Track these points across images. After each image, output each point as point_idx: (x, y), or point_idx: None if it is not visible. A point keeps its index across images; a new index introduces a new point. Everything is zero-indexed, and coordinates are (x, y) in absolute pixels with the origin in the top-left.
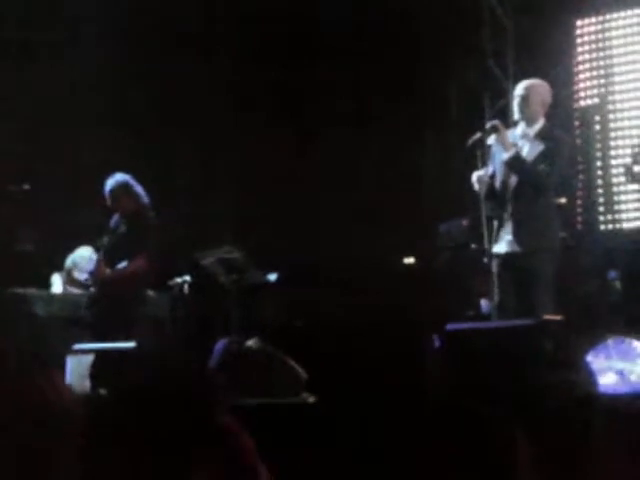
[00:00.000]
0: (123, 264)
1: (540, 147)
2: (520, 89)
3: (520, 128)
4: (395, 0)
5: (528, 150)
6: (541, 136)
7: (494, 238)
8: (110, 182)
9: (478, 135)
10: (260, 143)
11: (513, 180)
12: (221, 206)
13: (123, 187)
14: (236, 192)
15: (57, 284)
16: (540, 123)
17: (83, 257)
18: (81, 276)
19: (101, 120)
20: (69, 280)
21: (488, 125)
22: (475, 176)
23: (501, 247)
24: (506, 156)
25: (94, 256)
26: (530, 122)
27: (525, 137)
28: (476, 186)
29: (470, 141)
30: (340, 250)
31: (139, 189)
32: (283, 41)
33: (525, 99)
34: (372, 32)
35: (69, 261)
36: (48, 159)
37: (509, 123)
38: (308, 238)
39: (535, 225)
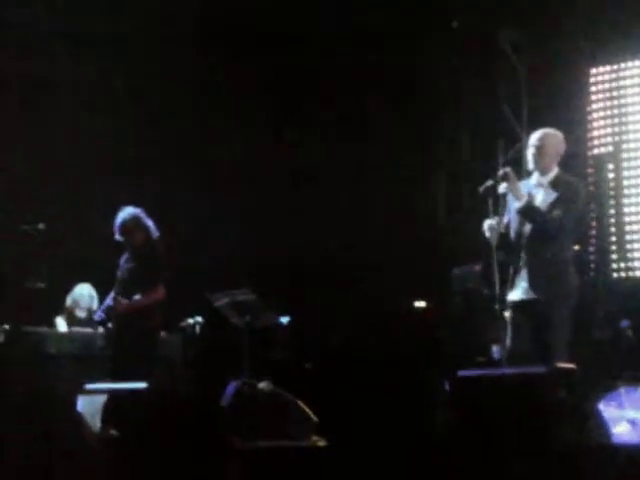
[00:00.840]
0: (137, 297)
1: (554, 195)
2: (534, 139)
3: (534, 177)
4: (412, 44)
5: (542, 198)
6: (555, 184)
7: (509, 285)
8: (122, 215)
9: (490, 183)
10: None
11: (527, 228)
12: (235, 248)
13: (135, 220)
14: (249, 235)
15: (62, 326)
16: (554, 172)
17: (83, 295)
18: (83, 314)
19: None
20: (72, 320)
21: (500, 173)
22: (486, 224)
23: (516, 294)
24: (518, 205)
25: (93, 292)
26: (544, 172)
27: (539, 186)
28: (487, 234)
29: (482, 189)
30: (352, 294)
31: (150, 222)
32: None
33: (539, 149)
34: (387, 78)
35: (69, 300)
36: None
37: (522, 169)
38: (321, 281)
39: (550, 272)
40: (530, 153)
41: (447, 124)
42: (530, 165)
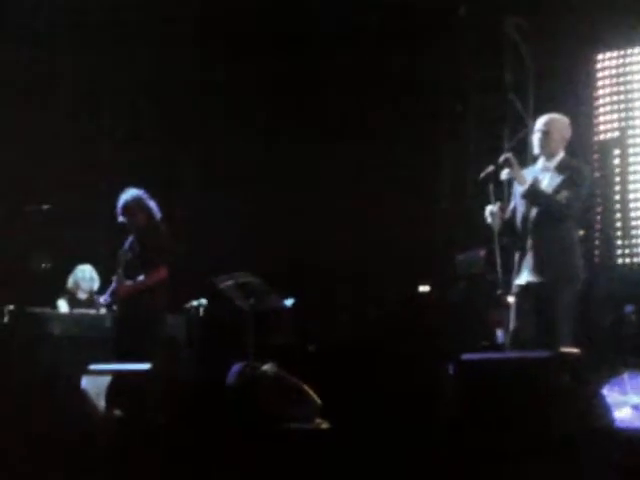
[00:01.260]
0: (140, 277)
1: (560, 178)
2: (540, 124)
3: (540, 162)
4: (418, 34)
5: (548, 181)
6: (561, 168)
7: (516, 269)
8: (124, 197)
9: (491, 169)
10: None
11: (533, 212)
12: (239, 232)
13: (137, 201)
14: (252, 220)
15: (63, 308)
16: (560, 156)
17: (84, 277)
18: (84, 296)
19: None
20: (73, 302)
21: (501, 159)
22: (487, 211)
23: (522, 278)
24: (521, 189)
25: (94, 274)
26: (550, 156)
27: (546, 170)
28: (489, 220)
29: (482, 174)
30: (356, 277)
31: (152, 204)
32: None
33: (545, 134)
34: (394, 66)
35: (70, 282)
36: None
37: (528, 156)
38: (325, 265)
39: (556, 256)
40: (536, 138)
41: (452, 111)
42: (536, 150)
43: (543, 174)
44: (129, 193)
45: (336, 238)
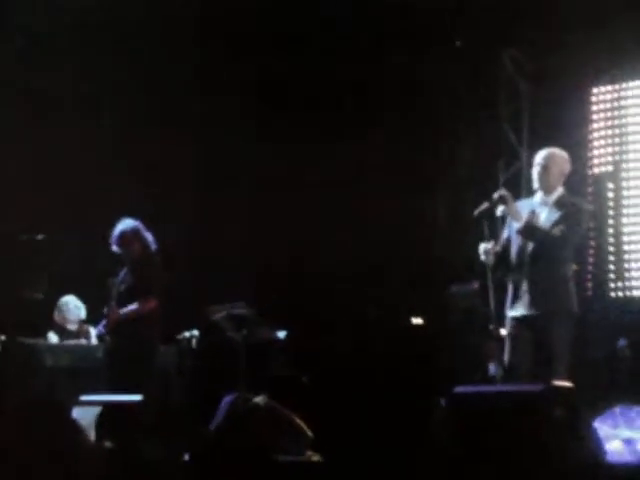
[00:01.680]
0: (131, 306)
1: (558, 213)
2: (540, 158)
3: (539, 196)
4: (414, 62)
5: (546, 216)
6: (560, 203)
7: (510, 302)
8: (120, 226)
9: (486, 205)
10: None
11: (530, 245)
12: (232, 263)
13: (133, 232)
14: (245, 249)
15: (54, 340)
16: (559, 192)
17: (68, 308)
18: (73, 327)
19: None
20: (63, 333)
21: (495, 195)
22: (482, 248)
23: (518, 310)
24: (517, 226)
25: (79, 303)
26: (548, 191)
27: (544, 204)
28: (482, 257)
29: (477, 212)
30: (349, 309)
31: (148, 235)
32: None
33: (545, 169)
34: (389, 94)
35: (57, 316)
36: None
37: (522, 188)
38: (318, 296)
39: (552, 290)
40: (535, 172)
41: (447, 142)
42: (535, 184)
43: (541, 208)
44: (126, 223)
45: (330, 268)
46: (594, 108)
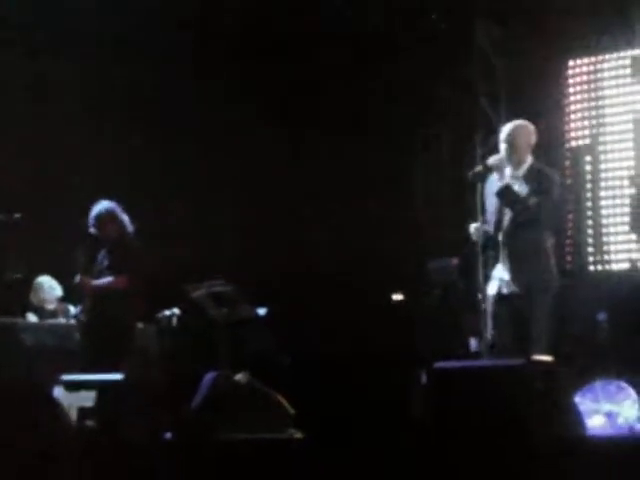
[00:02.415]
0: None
1: (529, 185)
2: (504, 134)
3: (508, 170)
4: (390, 38)
5: (517, 189)
6: (530, 175)
7: (488, 279)
8: (96, 208)
9: (479, 168)
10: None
11: (506, 220)
12: (212, 238)
13: (109, 214)
14: (227, 225)
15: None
16: (528, 163)
17: (43, 289)
18: (51, 306)
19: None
20: (43, 314)
21: (490, 161)
22: (472, 227)
23: (495, 287)
24: (497, 186)
25: (53, 283)
26: (518, 164)
27: (514, 178)
28: (474, 237)
29: (471, 173)
30: (329, 285)
31: (124, 217)
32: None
33: (511, 144)
34: (365, 68)
35: (33, 298)
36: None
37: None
38: (298, 273)
39: (530, 265)
40: (502, 149)
41: (425, 118)
42: (503, 159)
43: (512, 181)
44: (102, 205)
45: (308, 246)
46: (571, 81)
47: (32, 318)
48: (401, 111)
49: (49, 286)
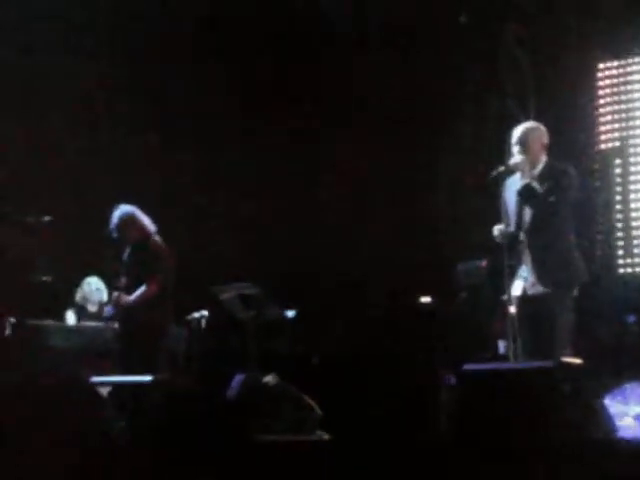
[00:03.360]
0: (138, 292)
1: (545, 185)
2: (516, 137)
3: (525, 172)
4: (415, 41)
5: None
6: (546, 174)
7: (512, 280)
8: (116, 214)
9: (502, 168)
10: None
11: (526, 220)
12: (241, 242)
13: (129, 218)
14: (255, 228)
15: (71, 319)
16: (542, 163)
17: (91, 290)
18: (94, 308)
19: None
20: (83, 314)
21: (512, 162)
22: (496, 230)
23: (520, 288)
24: (519, 185)
25: (101, 285)
26: (532, 166)
27: (531, 179)
28: (498, 240)
29: (494, 173)
30: (358, 288)
31: (145, 219)
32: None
33: (524, 145)
34: (393, 71)
35: (79, 296)
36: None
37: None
38: (328, 276)
39: (554, 263)
40: (515, 151)
41: (451, 121)
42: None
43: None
44: (121, 210)
45: (337, 247)
46: (600, 84)
47: (71, 317)
48: (427, 111)
49: (96, 288)
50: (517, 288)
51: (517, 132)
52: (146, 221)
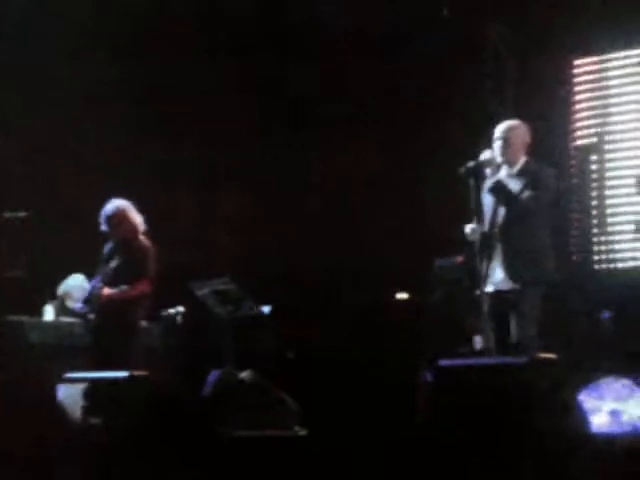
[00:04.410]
0: (123, 287)
1: (523, 181)
2: (499, 132)
3: (504, 169)
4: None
5: (512, 187)
6: (524, 172)
7: (484, 277)
8: (109, 207)
9: (472, 164)
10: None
11: (500, 216)
12: (217, 236)
13: (122, 213)
14: (231, 223)
15: (49, 314)
16: (522, 161)
17: (75, 286)
18: (74, 305)
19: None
20: (62, 309)
21: (482, 157)
22: (468, 228)
23: (492, 285)
24: (489, 183)
25: (86, 284)
26: (512, 163)
27: (509, 177)
28: (470, 237)
29: (463, 169)
30: (334, 284)
31: (137, 217)
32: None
33: (506, 141)
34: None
35: (61, 290)
36: (44, 185)
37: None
38: (303, 271)
39: (524, 260)
40: (497, 146)
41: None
42: (498, 158)
43: (507, 180)
44: (115, 203)
45: (313, 243)
46: (577, 80)
47: (49, 310)
48: (408, 108)
49: (82, 286)
50: (489, 284)
51: (500, 127)
52: (138, 219)
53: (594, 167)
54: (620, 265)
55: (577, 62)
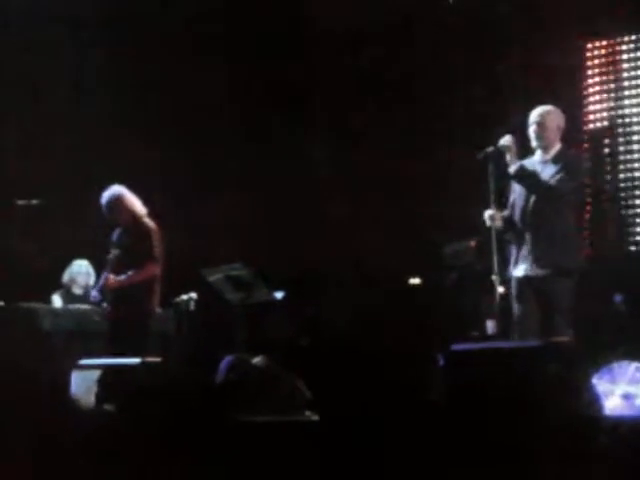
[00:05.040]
0: (130, 272)
1: (557, 167)
2: (535, 116)
3: (538, 154)
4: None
5: (547, 173)
6: (558, 159)
7: (513, 262)
8: (106, 195)
9: (491, 149)
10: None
11: (531, 203)
12: (230, 221)
13: (118, 199)
14: (244, 207)
15: (57, 302)
16: (556, 147)
17: (80, 272)
18: (79, 291)
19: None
20: (68, 297)
21: (502, 142)
22: (487, 214)
23: (521, 270)
24: (512, 170)
25: (91, 269)
26: (547, 148)
27: (543, 162)
28: (488, 223)
29: (481, 154)
30: (347, 269)
31: (135, 199)
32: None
33: (541, 126)
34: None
35: (66, 277)
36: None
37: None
38: (316, 256)
39: (554, 247)
40: (532, 130)
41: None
42: (533, 142)
43: (541, 166)
44: (111, 191)
45: (326, 231)
46: (589, 64)
47: (57, 299)
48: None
49: (86, 271)
50: (519, 270)
51: (536, 111)
52: (136, 202)
53: (606, 150)
54: (633, 248)
55: (589, 46)
